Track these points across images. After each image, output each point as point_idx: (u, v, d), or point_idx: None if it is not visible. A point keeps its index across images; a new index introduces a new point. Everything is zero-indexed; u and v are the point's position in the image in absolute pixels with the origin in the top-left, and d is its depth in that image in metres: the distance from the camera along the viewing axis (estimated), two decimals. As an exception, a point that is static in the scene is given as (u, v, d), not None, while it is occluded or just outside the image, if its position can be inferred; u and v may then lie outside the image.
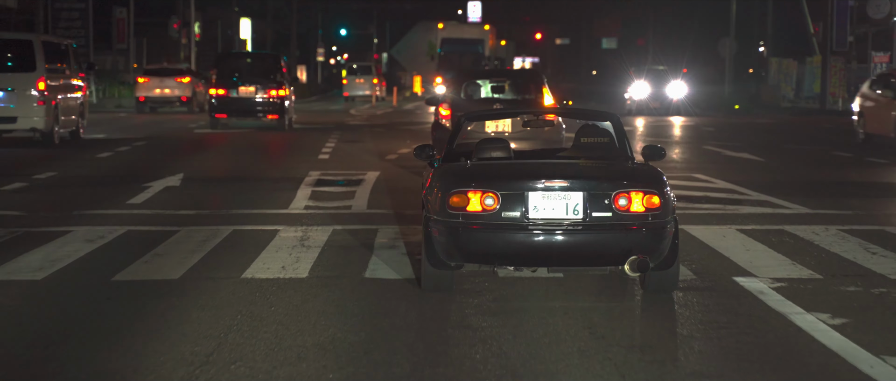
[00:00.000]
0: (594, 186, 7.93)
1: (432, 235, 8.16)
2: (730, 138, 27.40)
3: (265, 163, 20.14)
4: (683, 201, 14.06)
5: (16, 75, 22.85)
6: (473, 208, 7.95)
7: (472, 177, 8.15)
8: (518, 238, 7.90)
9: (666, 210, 7.99)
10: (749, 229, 11.80)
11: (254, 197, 14.51)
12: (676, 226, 8.17)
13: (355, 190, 15.30)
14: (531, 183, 7.95)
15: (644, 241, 7.86)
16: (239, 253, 10.23)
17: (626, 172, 8.28)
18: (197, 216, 12.67)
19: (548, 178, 7.96)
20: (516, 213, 7.91)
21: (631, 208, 7.89)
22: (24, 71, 22.80)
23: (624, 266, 7.88)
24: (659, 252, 7.95)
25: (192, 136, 27.31)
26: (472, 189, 7.98)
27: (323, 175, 17.31)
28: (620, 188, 7.91)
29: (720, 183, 16.51)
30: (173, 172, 17.58)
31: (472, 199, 7.96)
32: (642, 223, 7.88)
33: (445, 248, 8.08)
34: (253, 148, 23.69)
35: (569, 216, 7.90)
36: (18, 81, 22.76)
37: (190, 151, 22.52)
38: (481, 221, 7.93)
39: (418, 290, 8.62)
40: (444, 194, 8.08)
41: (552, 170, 8.25)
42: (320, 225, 12.04)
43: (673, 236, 8.07)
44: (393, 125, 33.10)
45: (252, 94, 29.80)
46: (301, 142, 25.31)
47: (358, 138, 26.58)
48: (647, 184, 7.99)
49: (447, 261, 8.18)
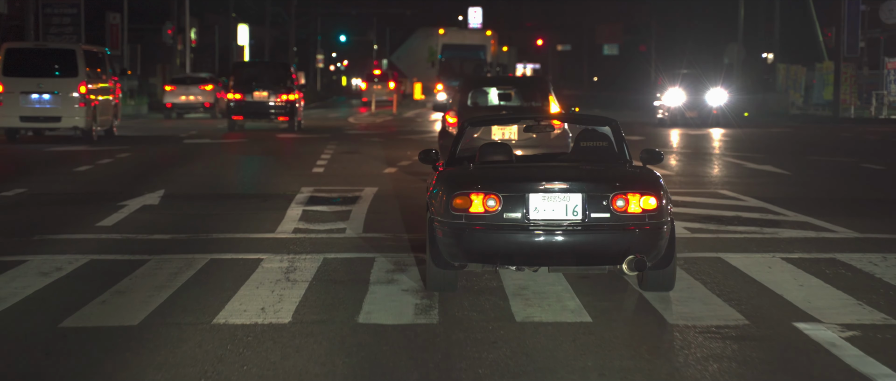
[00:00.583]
0: (593, 188, 8.20)
1: (436, 236, 8.41)
2: (748, 149, 26.00)
3: (256, 176, 18.76)
4: (715, 224, 12.66)
5: (60, 80, 26.05)
6: (476, 210, 8.21)
7: (474, 180, 8.42)
8: (519, 238, 8.16)
9: (662, 211, 8.23)
10: (796, 257, 10.40)
11: (238, 218, 13.11)
12: (673, 226, 8.42)
13: (351, 209, 13.91)
14: (532, 185, 8.22)
15: (641, 241, 8.12)
16: (213, 290, 8.84)
17: (624, 175, 8.55)
18: (171, 242, 11.28)
19: (548, 180, 8.25)
20: (517, 214, 8.17)
21: (628, 210, 8.16)
22: (68, 76, 26.02)
23: (622, 265, 8.12)
24: (656, 252, 8.21)
25: (193, 141, 25.98)
26: (474, 191, 8.23)
27: (316, 191, 15.92)
28: (618, 190, 8.18)
29: (750, 201, 15.11)
30: (155, 187, 16.22)
31: (474, 201, 8.22)
32: (639, 224, 8.14)
33: (449, 248, 8.31)
34: (245, 158, 22.33)
35: (568, 217, 8.17)
36: (63, 86, 25.97)
37: (180, 160, 21.14)
38: (484, 222, 8.19)
39: (421, 339, 7.25)
40: (447, 196, 8.35)
41: (552, 173, 8.51)
42: (310, 253, 10.64)
43: (669, 236, 8.32)
44: (393, 134, 31.68)
45: (265, 98, 32.92)
46: (296, 152, 23.93)
47: (356, 148, 25.19)
48: (644, 186, 8.27)
49: (451, 261, 8.41)
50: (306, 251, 10.75)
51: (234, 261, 10.16)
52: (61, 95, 26.04)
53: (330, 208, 13.99)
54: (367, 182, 17.37)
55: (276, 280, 9.25)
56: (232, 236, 11.71)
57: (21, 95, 26.06)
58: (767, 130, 34.17)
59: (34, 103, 26.18)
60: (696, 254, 10.57)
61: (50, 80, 26.14)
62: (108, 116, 28.14)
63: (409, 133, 32.42)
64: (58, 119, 26.23)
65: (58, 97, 26.09)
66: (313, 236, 11.71)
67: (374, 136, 30.79)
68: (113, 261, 10.20)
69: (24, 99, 26.07)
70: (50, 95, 26.10)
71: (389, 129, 35.22)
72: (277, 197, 15.22)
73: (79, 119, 26.08)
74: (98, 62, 27.84)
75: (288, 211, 13.70)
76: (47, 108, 26.12)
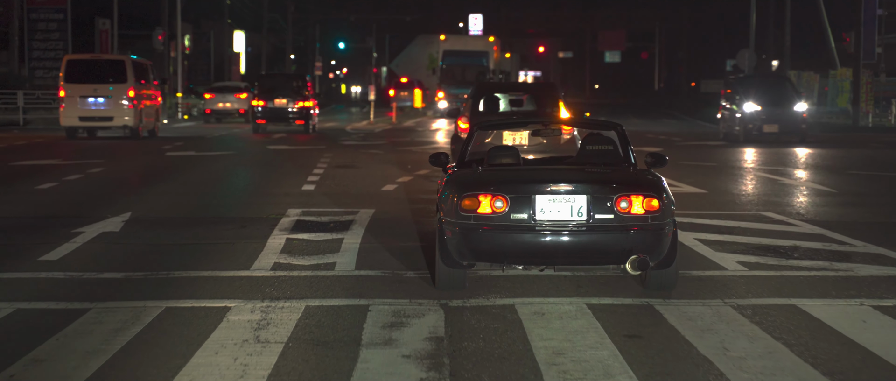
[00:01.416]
0: (597, 190, 8.44)
1: (446, 236, 8.65)
2: (775, 161, 24.05)
3: (239, 194, 16.76)
4: (773, 256, 10.68)
5: (112, 86, 30.95)
6: (484, 211, 8.45)
7: (483, 181, 8.68)
8: (526, 238, 8.42)
9: (665, 213, 8.46)
10: (892, 306, 8.41)
11: (209, 249, 11.13)
12: (675, 227, 8.66)
13: (342, 238, 11.93)
14: (538, 187, 8.48)
15: (644, 241, 8.36)
16: (160, 357, 6.87)
17: (628, 178, 8.84)
18: (123, 284, 9.29)
19: (554, 182, 8.50)
20: (524, 215, 8.43)
21: (631, 211, 8.38)
22: (118, 83, 30.95)
23: (625, 265, 8.40)
24: (658, 252, 8.45)
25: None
26: (483, 193, 8.48)
27: (304, 214, 13.95)
28: (621, 192, 8.42)
29: (804, 226, 13.12)
30: (125, 207, 14.25)
31: (483, 202, 8.46)
32: (642, 225, 8.37)
33: (458, 248, 8.57)
34: (233, 171, 20.34)
35: (573, 218, 8.41)
36: (114, 91, 30.91)
37: (163, 173, 19.17)
38: (492, 222, 8.44)
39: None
40: (457, 198, 8.58)
41: (558, 175, 8.78)
42: (289, 299, 8.67)
43: (672, 237, 8.57)
44: (392, 146, 29.68)
45: (285, 105, 37.88)
46: (286, 166, 21.96)
47: (352, 162, 23.21)
48: (647, 188, 8.51)
49: (460, 260, 8.65)
50: (285, 296, 8.78)
51: (193, 311, 8.19)
52: (113, 99, 30.97)
53: (318, 237, 12.01)
54: (362, 202, 15.40)
55: (243, 341, 7.27)
56: (197, 274, 9.73)
57: (79, 98, 31.01)
58: (789, 139, 32.16)
59: (90, 106, 31.14)
60: (766, 300, 8.60)
61: (104, 86, 31.04)
62: (151, 118, 33.18)
63: (409, 144, 30.43)
64: (110, 119, 31.12)
65: (110, 101, 30.99)
66: (295, 274, 9.73)
67: (373, 147, 28.81)
68: (44, 311, 8.22)
69: (82, 102, 31.06)
70: (104, 99, 31.03)
71: (389, 139, 33.24)
72: (259, 222, 13.24)
73: (128, 119, 31.12)
74: (143, 72, 32.76)
75: (269, 240, 11.73)
76: (102, 109, 31.11)
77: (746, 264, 10.32)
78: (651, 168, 9.55)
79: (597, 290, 9.01)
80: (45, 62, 48.55)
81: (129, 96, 31.10)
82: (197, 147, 27.99)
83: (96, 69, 31.79)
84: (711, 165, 22.76)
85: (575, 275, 9.62)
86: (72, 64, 31.77)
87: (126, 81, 31.16)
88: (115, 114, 31.06)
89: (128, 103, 31.11)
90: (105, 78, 31.31)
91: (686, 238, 11.85)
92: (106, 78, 31.31)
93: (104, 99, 31.08)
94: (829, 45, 60.29)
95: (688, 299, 8.67)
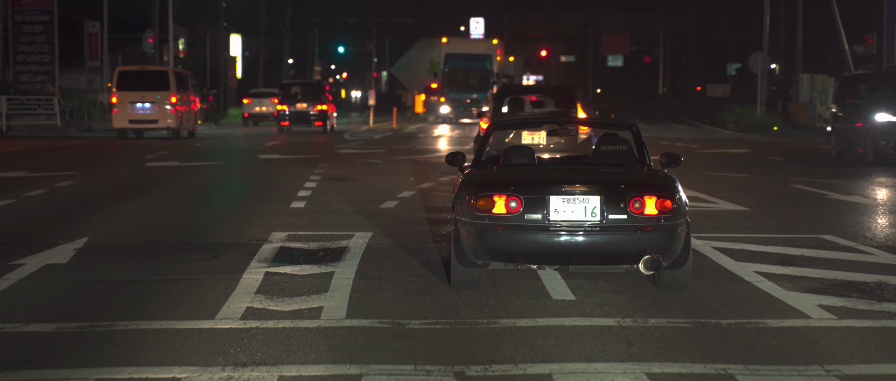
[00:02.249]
0: (611, 191, 8.51)
1: (461, 235, 8.72)
2: (811, 171, 22.08)
3: (217, 212, 14.70)
4: (861, 299, 8.69)
5: (157, 93, 35.45)
6: (499, 211, 8.52)
7: (497, 182, 8.76)
8: (540, 238, 8.49)
9: (678, 213, 8.52)
10: None
11: (170, 288, 9.13)
12: (688, 228, 8.70)
13: (333, 272, 9.94)
14: (552, 188, 8.55)
15: (657, 241, 8.42)
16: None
17: (641, 178, 8.92)
18: (48, 342, 7.30)
19: (568, 183, 8.60)
20: (538, 215, 8.49)
21: (645, 211, 8.43)
22: (162, 90, 35.50)
23: (638, 265, 8.46)
24: (671, 252, 8.53)
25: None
26: (497, 193, 8.55)
27: (290, 239, 11.96)
28: (635, 193, 8.47)
29: (876, 253, 11.12)
30: (80, 232, 12.27)
31: (497, 202, 8.53)
32: (655, 225, 8.42)
33: (473, 247, 8.64)
34: (218, 184, 18.31)
35: (587, 218, 8.46)
36: (159, 98, 35.45)
37: (138, 187, 17.14)
38: (506, 222, 8.50)
39: None
40: (472, 198, 8.64)
41: (572, 176, 9.02)
42: (259, 365, 6.69)
43: (685, 237, 8.62)
44: (392, 154, 27.66)
45: (305, 108, 43.29)
46: (276, 179, 19.98)
47: (348, 173, 21.21)
48: (661, 189, 8.56)
49: (475, 260, 8.74)
50: (253, 360, 6.80)
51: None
52: (158, 105, 35.58)
53: (303, 270, 10.02)
54: (358, 223, 13.41)
55: (187, 439, 5.28)
56: (148, 325, 7.73)
57: (129, 104, 35.66)
58: (815, 146, 30.14)
59: (138, 111, 35.72)
60: (875, 369, 6.60)
61: (150, 93, 35.54)
62: (190, 120, 37.98)
63: (411, 153, 28.40)
64: (155, 121, 35.66)
65: (155, 106, 35.62)
66: (270, 326, 7.74)
67: (371, 156, 26.78)
68: (-68, 387, 6.25)
69: (131, 107, 35.71)
70: (150, 105, 35.62)
71: (389, 147, 31.22)
72: (235, 250, 11.24)
73: (170, 121, 35.70)
74: (183, 81, 37.57)
75: (244, 275, 9.73)
76: (148, 113, 35.65)
77: (831, 309, 8.33)
78: (665, 169, 9.69)
79: (654, 350, 7.03)
80: (30, 66, 46.50)
81: (171, 102, 35.70)
82: (182, 158, 26.04)
83: (143, 79, 36.38)
84: (742, 177, 20.76)
85: (622, 326, 7.67)
86: (123, 74, 36.53)
87: (169, 89, 35.72)
88: (159, 117, 35.68)
89: (170, 108, 35.73)
90: (151, 86, 35.80)
91: (745, 272, 9.88)
92: (152, 86, 35.78)
93: (150, 105, 35.70)
94: (841, 47, 58.39)
95: (776, 364, 6.69)
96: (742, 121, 51.54)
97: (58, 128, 42.44)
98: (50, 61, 46.49)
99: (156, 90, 35.76)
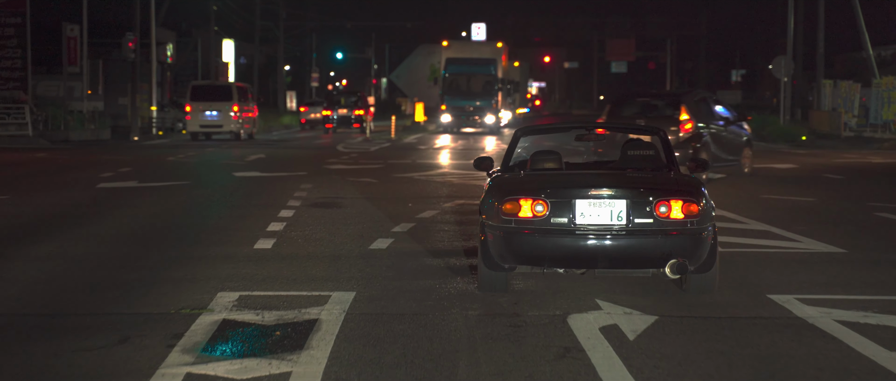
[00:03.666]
0: (637, 195, 8.53)
1: (487, 239, 8.80)
2: (887, 193, 18.69)
3: (155, 259, 11.24)
4: None
5: (222, 103, 43.01)
6: (525, 214, 8.60)
7: (524, 186, 8.84)
8: (566, 242, 8.53)
9: (704, 217, 8.57)
10: None
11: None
12: (715, 232, 8.69)
13: (290, 373, 6.56)
14: (578, 191, 8.60)
15: (683, 245, 8.45)
16: None
17: (667, 182, 8.90)
18: None
19: (594, 187, 8.62)
20: (564, 219, 8.57)
21: (671, 215, 8.49)
22: (226, 101, 43.10)
23: (664, 269, 8.50)
24: (697, 256, 8.56)
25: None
26: (523, 197, 8.63)
27: (239, 306, 8.58)
28: (661, 197, 8.51)
29: None
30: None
31: (523, 206, 8.61)
32: (682, 229, 8.47)
33: (499, 251, 8.72)
34: (163, 216, 14.88)
35: (613, 222, 8.52)
36: (223, 107, 42.96)
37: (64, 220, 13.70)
38: (532, 226, 8.58)
39: None
40: (498, 202, 8.73)
41: (598, 180, 8.90)
42: None
43: (712, 241, 8.63)
44: (389, 170, 24.19)
45: (346, 113, 52.42)
46: (247, 204, 16.59)
47: (334, 196, 17.81)
48: (687, 193, 8.59)
49: (501, 263, 8.82)
50: None
51: None
52: (223, 113, 42.93)
53: (243, 372, 6.62)
54: (338, 276, 10.02)
55: None
56: None
57: (200, 112, 42.82)
58: (862, 159, 26.70)
59: (207, 118, 42.95)
60: None
61: (216, 103, 43.00)
62: (249, 125, 45.15)
63: (409, 168, 24.92)
64: (220, 126, 43.06)
65: (220, 114, 42.96)
66: None
67: (365, 172, 23.31)
68: None
69: (201, 115, 42.87)
70: (216, 113, 42.94)
71: (385, 161, 27.75)
72: (155, 327, 7.83)
73: (233, 126, 43.03)
74: (244, 93, 44.73)
75: (158, 372, 6.34)
76: (215, 120, 43.03)
77: None
78: (693, 173, 10.00)
79: None
80: (1, 73, 43.13)
81: (233, 110, 43.06)
82: (146, 177, 22.61)
83: (211, 91, 44.28)
84: (809, 202, 17.37)
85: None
86: (195, 88, 44.33)
87: (231, 100, 43.16)
88: (223, 123, 43.05)
89: (233, 116, 43.06)
90: (217, 98, 43.21)
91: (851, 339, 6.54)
92: (218, 98, 43.24)
93: (217, 113, 42.93)
94: (866, 52, 55.17)
95: None
96: (765, 130, 48.27)
97: (28, 138, 39.22)
98: (22, 67, 43.20)
99: (221, 101, 43.06)
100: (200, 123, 43.05)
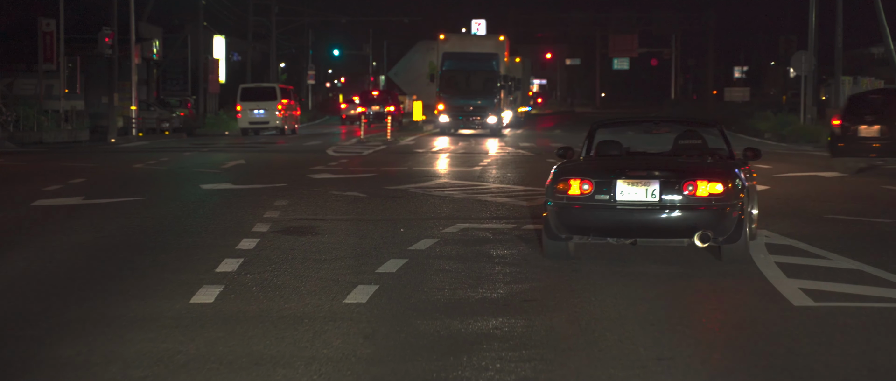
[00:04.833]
0: (668, 176, 10.41)
1: (548, 214, 10.70)
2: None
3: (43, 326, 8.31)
4: None
5: (268, 102, 48.56)
6: (574, 192, 10.54)
7: (576, 169, 10.89)
8: (607, 215, 10.47)
9: (729, 196, 10.28)
10: None
11: None
12: (743, 208, 10.41)
13: None
14: (619, 173, 10.51)
15: (708, 219, 10.23)
16: None
17: (696, 166, 10.75)
18: None
19: (632, 169, 10.56)
20: (606, 196, 10.45)
21: (697, 193, 10.28)
22: (271, 100, 48.61)
23: (694, 239, 10.22)
24: (723, 228, 10.29)
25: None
26: (574, 177, 10.58)
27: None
28: (689, 178, 10.33)
29: None
30: None
31: (573, 185, 10.53)
32: (707, 205, 10.25)
33: (555, 223, 10.65)
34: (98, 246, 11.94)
35: (647, 199, 10.36)
36: (269, 105, 48.49)
37: None
38: (579, 202, 10.53)
39: None
40: (554, 182, 10.69)
41: (636, 163, 10.92)
42: None
43: (737, 216, 10.30)
44: (381, 181, 21.16)
45: (379, 109, 61.47)
46: (202, 230, 13.65)
47: (312, 217, 14.86)
48: (713, 175, 10.39)
49: (558, 234, 10.70)
50: None
51: None
52: (269, 111, 48.06)
53: None
54: (297, 354, 7.10)
55: None
56: None
57: (249, 110, 48.09)
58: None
59: (255, 115, 48.10)
60: None
61: (263, 102, 48.18)
62: (293, 122, 50.77)
63: (404, 178, 21.87)
64: (267, 123, 48.06)
65: (267, 112, 48.05)
66: None
67: (352, 184, 20.29)
68: None
69: (250, 113, 48.13)
70: (263, 111, 48.07)
71: (377, 169, 24.74)
72: None
73: (278, 123, 48.15)
74: (288, 93, 50.36)
75: None
76: (262, 117, 48.15)
77: None
78: (746, 159, 11.62)
79: None
80: (-32, 72, 40.27)
81: (278, 109, 47.99)
82: (96, 192, 19.69)
83: (259, 92, 49.47)
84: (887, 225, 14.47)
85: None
86: (244, 89, 49.54)
87: (276, 99, 48.20)
88: (270, 120, 48.14)
89: (278, 113, 48.06)
90: (264, 97, 48.49)
91: None
92: (265, 97, 48.48)
93: (264, 111, 48.05)
94: (886, 48, 52.26)
95: None
96: (784, 130, 45.38)
97: (6, 137, 36.73)
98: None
99: (267, 100, 48.26)
100: (249, 120, 48.12)
